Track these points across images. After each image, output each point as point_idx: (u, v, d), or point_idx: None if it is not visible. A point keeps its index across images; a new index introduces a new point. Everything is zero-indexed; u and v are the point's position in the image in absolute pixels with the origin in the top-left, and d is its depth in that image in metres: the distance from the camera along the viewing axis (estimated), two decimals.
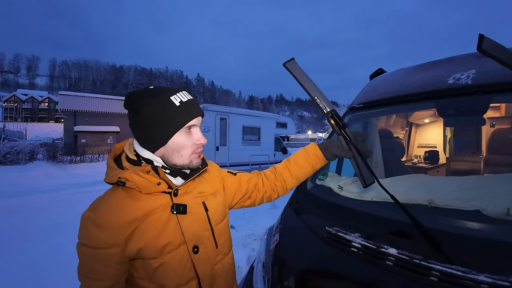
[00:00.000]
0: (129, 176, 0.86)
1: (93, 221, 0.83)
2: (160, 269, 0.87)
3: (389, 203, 1.22)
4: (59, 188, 9.02)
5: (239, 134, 10.96)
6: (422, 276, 0.91)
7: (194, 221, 0.95)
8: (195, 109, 0.92)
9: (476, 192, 1.17)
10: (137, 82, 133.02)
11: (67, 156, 15.50)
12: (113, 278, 0.85)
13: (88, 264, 0.84)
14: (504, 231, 0.97)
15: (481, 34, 0.61)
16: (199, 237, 0.96)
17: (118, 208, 0.85)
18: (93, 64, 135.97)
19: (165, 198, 0.92)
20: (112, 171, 0.91)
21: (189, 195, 0.97)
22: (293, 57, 1.11)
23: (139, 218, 0.86)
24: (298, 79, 1.10)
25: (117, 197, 0.88)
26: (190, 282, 0.92)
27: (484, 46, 0.60)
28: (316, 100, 1.10)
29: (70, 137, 21.96)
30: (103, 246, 0.82)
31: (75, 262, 0.86)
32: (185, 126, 0.90)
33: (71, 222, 5.19)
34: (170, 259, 0.88)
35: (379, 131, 2.33)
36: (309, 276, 1.19)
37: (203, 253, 0.96)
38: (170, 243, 0.88)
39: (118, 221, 0.83)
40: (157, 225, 0.87)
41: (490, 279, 0.82)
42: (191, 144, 0.93)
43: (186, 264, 0.91)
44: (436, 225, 1.05)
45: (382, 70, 2.45)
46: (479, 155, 3.42)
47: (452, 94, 1.50)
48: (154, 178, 0.89)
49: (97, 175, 12.27)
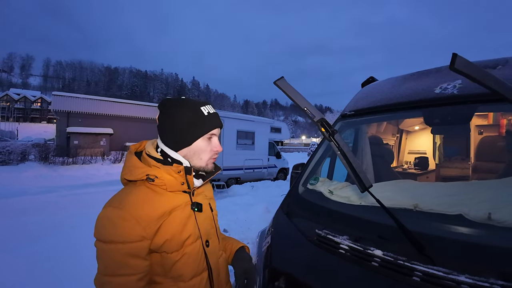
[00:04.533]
0: (160, 174, 0.96)
1: (122, 217, 0.86)
2: (181, 260, 0.96)
3: (377, 207, 1.27)
4: (51, 190, 8.93)
5: (233, 138, 10.95)
6: (406, 277, 0.96)
7: (206, 218, 1.10)
8: (217, 120, 1.08)
9: (459, 198, 1.22)
10: (132, 84, 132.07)
11: (59, 157, 15.32)
12: (144, 269, 0.90)
13: (116, 261, 0.85)
14: (485, 234, 1.02)
15: (454, 53, 0.66)
16: (209, 233, 1.10)
17: (148, 203, 0.92)
18: (88, 65, 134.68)
19: (185, 197, 1.04)
20: (137, 169, 0.98)
21: (200, 196, 1.13)
22: (283, 76, 1.22)
23: (166, 213, 0.95)
24: (288, 95, 1.20)
25: (143, 193, 0.95)
26: (203, 272, 1.04)
27: (457, 64, 0.66)
28: (306, 110, 1.18)
29: (63, 138, 21.73)
30: (135, 240, 0.86)
31: (65, 265, 0.88)
32: (208, 133, 1.05)
33: (63, 224, 5.19)
34: (190, 250, 0.99)
35: (369, 137, 2.39)
36: (299, 277, 1.23)
37: (212, 247, 1.09)
38: (191, 235, 1.00)
39: (150, 215, 0.90)
40: (181, 220, 0.98)
41: (470, 279, 0.87)
42: (209, 150, 1.07)
43: (201, 256, 1.03)
44: (420, 229, 1.11)
45: (373, 78, 2.52)
46: (468, 161, 3.50)
47: (439, 103, 1.56)
48: (180, 178, 1.00)
49: (89, 177, 12.18)
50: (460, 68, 0.67)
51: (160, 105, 1.04)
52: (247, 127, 11.64)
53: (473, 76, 0.68)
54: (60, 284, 3.15)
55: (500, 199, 1.11)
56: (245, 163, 11.45)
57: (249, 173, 11.73)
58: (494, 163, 2.81)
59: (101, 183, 11.02)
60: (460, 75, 0.70)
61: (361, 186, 1.10)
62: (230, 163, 10.55)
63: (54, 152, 15.84)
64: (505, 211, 1.03)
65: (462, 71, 0.67)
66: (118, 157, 17.23)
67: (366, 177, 1.10)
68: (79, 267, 3.29)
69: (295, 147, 60.11)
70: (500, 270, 0.87)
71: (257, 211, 5.88)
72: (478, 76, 0.69)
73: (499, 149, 2.74)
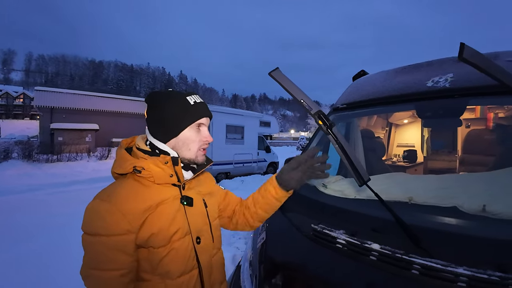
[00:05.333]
0: (146, 166, 0.94)
1: (108, 209, 0.85)
2: (168, 256, 0.92)
3: (372, 200, 1.27)
4: (36, 188, 8.67)
5: (222, 133, 10.87)
6: (404, 270, 0.96)
7: (197, 214, 1.05)
8: (205, 110, 1.07)
9: (453, 190, 1.23)
10: (118, 78, 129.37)
11: (43, 155, 14.92)
12: (128, 266, 0.87)
13: (100, 255, 0.84)
14: (480, 226, 1.03)
15: (462, 43, 0.65)
16: (201, 229, 1.05)
17: (134, 196, 0.91)
18: (71, 58, 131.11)
19: (174, 190, 1.01)
20: (126, 161, 0.97)
21: (193, 191, 1.08)
22: (277, 66, 1.18)
23: (153, 206, 0.92)
24: (283, 86, 1.17)
25: (130, 185, 0.94)
26: (193, 270, 0.99)
27: (465, 54, 0.65)
28: (303, 103, 1.15)
29: (46, 135, 21.11)
30: (119, 233, 0.85)
31: (56, 264, 0.85)
32: (195, 123, 1.03)
33: (51, 223, 5.08)
34: (178, 246, 0.95)
35: (361, 131, 2.39)
36: (296, 273, 1.22)
37: (204, 244, 1.04)
38: (180, 230, 0.96)
39: (135, 208, 0.88)
40: (169, 213, 0.95)
41: (468, 271, 0.88)
42: (198, 140, 1.05)
43: (191, 253, 0.98)
44: (416, 221, 1.11)
45: (364, 72, 2.52)
46: (455, 154, 3.57)
47: (431, 96, 1.57)
48: (168, 170, 0.98)
49: (76, 175, 11.91)
50: (468, 58, 0.66)
51: (147, 98, 1.04)
52: (236, 122, 11.59)
53: (481, 66, 0.68)
54: (50, 284, 3.09)
55: (494, 191, 1.13)
56: (235, 157, 11.41)
57: (239, 167, 11.70)
58: (481, 156, 2.86)
59: (88, 180, 10.78)
60: (468, 64, 0.69)
61: (359, 180, 1.09)
62: (219, 157, 10.49)
63: (38, 150, 15.41)
64: (499, 203, 1.04)
65: (470, 61, 0.66)
66: (105, 153, 16.89)
67: (364, 171, 1.10)
68: (70, 266, 3.21)
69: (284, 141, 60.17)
70: (498, 262, 0.87)
71: None
72: (485, 67, 0.68)
73: (486, 142, 2.79)
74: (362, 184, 1.11)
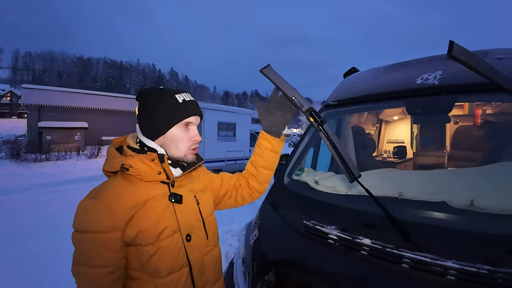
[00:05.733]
0: (133, 163, 0.95)
1: (95, 207, 0.87)
2: (156, 254, 0.92)
3: (363, 196, 1.29)
4: (26, 188, 8.50)
5: (214, 130, 10.85)
6: (395, 264, 0.98)
7: (188, 211, 1.04)
8: (194, 108, 1.05)
9: (442, 185, 1.26)
10: (107, 75, 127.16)
11: (32, 154, 14.68)
12: (115, 263, 0.87)
13: (88, 252, 0.85)
14: (469, 220, 1.06)
15: (451, 41, 0.67)
16: (192, 226, 1.04)
17: (120, 194, 0.92)
18: (59, 55, 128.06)
19: (163, 187, 1.01)
20: (114, 159, 0.98)
21: (182, 188, 1.07)
22: (269, 63, 1.19)
23: (140, 203, 0.93)
24: (275, 83, 1.17)
25: (118, 183, 0.95)
26: (182, 268, 0.98)
27: (454, 52, 0.66)
28: (294, 100, 1.15)
29: (34, 133, 20.63)
30: (105, 230, 0.85)
31: (44, 267, 0.85)
32: (183, 121, 1.02)
33: (42, 223, 5.00)
34: (166, 244, 0.94)
35: (352, 127, 2.42)
36: (289, 269, 1.23)
37: (195, 242, 1.03)
38: (167, 228, 0.95)
39: (120, 206, 0.89)
40: (156, 211, 0.95)
41: (457, 265, 0.90)
42: (187, 139, 1.04)
43: (180, 251, 0.98)
44: (406, 216, 1.13)
45: (355, 69, 2.54)
46: (443, 150, 3.64)
47: (420, 93, 1.60)
48: (156, 167, 0.98)
49: (65, 174, 11.73)
50: (457, 56, 0.67)
51: (137, 96, 1.05)
52: (228, 119, 11.57)
53: (470, 63, 0.69)
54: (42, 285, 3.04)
55: (482, 186, 1.15)
56: (227, 154, 11.40)
57: (231, 164, 11.69)
58: (469, 152, 2.93)
59: (77, 180, 10.62)
60: (457, 62, 0.70)
61: (350, 176, 1.11)
62: (211, 155, 10.46)
63: (26, 149, 15.17)
64: (487, 198, 1.07)
65: (459, 58, 0.68)
66: (94, 152, 16.69)
67: (355, 167, 1.11)
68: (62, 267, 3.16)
69: None
70: (486, 255, 0.90)
71: None
72: (474, 64, 0.70)
73: (474, 138, 2.85)
74: (353, 180, 1.12)
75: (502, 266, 0.85)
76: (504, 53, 1.57)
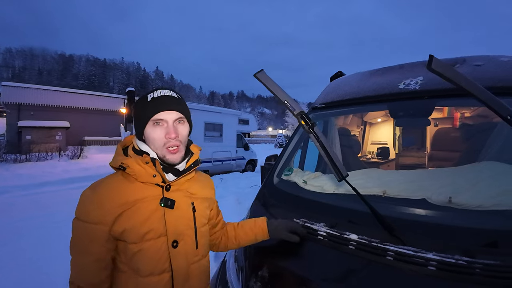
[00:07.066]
0: (130, 163, 0.97)
1: (89, 198, 0.93)
2: (139, 254, 0.94)
3: (349, 195, 1.36)
4: (4, 191, 8.12)
5: (201, 131, 10.84)
6: (380, 257, 1.06)
7: (179, 217, 1.02)
8: (165, 103, 0.99)
9: (422, 184, 1.35)
10: (89, 73, 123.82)
11: (11, 154, 14.16)
12: (101, 254, 0.93)
13: (79, 238, 0.93)
14: (447, 216, 1.14)
15: (431, 55, 0.75)
16: (181, 233, 1.02)
17: (113, 190, 0.95)
18: (40, 52, 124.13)
19: (157, 190, 1.01)
20: (117, 156, 1.02)
21: (180, 193, 1.05)
22: (262, 68, 1.24)
23: (129, 202, 0.95)
24: (268, 87, 1.23)
25: (115, 180, 0.99)
26: (164, 273, 0.97)
27: (433, 65, 0.74)
28: (286, 104, 1.21)
29: (14, 133, 19.96)
30: (93, 222, 0.91)
31: (29, 270, 0.87)
32: (151, 119, 0.98)
33: (23, 227, 4.84)
34: (148, 246, 0.95)
35: (338, 129, 2.50)
36: (281, 265, 1.29)
37: (182, 249, 1.01)
38: (152, 231, 0.96)
39: (110, 202, 0.93)
40: (144, 212, 0.96)
41: (437, 256, 0.98)
42: (158, 137, 0.99)
43: (163, 255, 0.97)
44: (389, 213, 1.21)
45: (341, 73, 2.63)
46: (424, 151, 3.79)
47: (402, 97, 1.69)
48: (151, 170, 0.99)
49: (46, 175, 11.31)
50: (436, 68, 0.75)
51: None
52: (214, 119, 11.58)
53: (446, 75, 0.77)
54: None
55: (460, 185, 1.24)
56: (214, 155, 11.40)
57: (218, 165, 11.70)
58: (448, 152, 3.07)
59: (59, 181, 10.29)
60: (435, 74, 0.78)
61: (338, 175, 1.18)
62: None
63: (5, 149, 14.58)
64: (464, 195, 1.16)
65: (437, 71, 0.75)
66: (76, 152, 16.25)
67: (343, 167, 1.18)
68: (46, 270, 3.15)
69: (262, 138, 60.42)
70: (464, 248, 0.98)
71: (228, 203, 5.88)
72: (450, 76, 0.78)
73: (453, 140, 2.99)
74: (341, 179, 1.19)
75: (479, 257, 0.93)
76: (481, 60, 1.67)
